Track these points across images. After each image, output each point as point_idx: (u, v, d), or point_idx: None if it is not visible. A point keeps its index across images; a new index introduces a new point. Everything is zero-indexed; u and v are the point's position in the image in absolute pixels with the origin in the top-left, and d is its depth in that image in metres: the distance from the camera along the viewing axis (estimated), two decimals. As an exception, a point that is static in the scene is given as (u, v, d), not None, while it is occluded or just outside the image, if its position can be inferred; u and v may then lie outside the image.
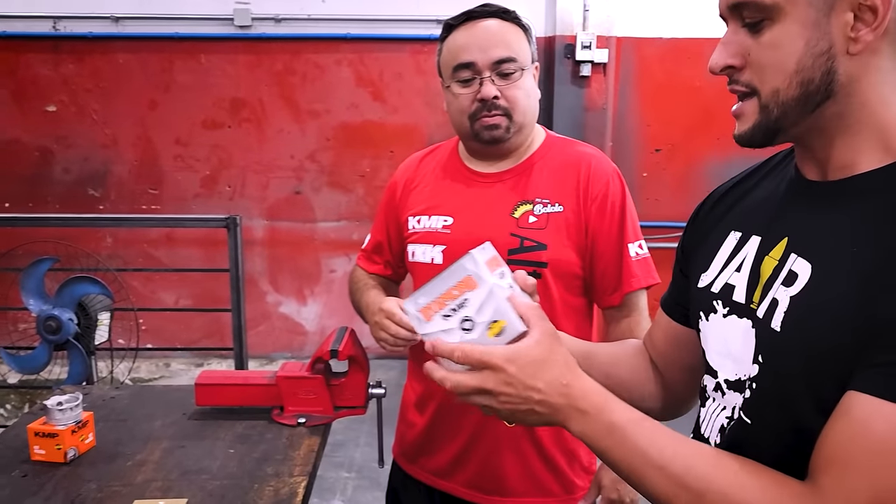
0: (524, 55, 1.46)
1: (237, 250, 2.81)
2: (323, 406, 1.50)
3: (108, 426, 1.48)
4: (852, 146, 0.78)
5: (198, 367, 4.62)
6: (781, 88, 0.77)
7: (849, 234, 0.75)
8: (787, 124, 0.79)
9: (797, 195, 0.85)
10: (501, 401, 0.81)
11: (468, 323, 0.85)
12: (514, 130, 1.45)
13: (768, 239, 0.85)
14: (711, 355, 0.91)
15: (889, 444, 0.65)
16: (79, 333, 2.43)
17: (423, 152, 1.68)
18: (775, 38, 0.76)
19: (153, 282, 4.57)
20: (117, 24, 4.37)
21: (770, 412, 0.79)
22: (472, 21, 1.46)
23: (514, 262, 1.43)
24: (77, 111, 4.49)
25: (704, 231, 0.99)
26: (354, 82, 4.50)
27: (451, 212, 1.51)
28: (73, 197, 4.55)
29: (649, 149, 4.60)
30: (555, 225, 1.44)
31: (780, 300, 0.78)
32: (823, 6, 0.74)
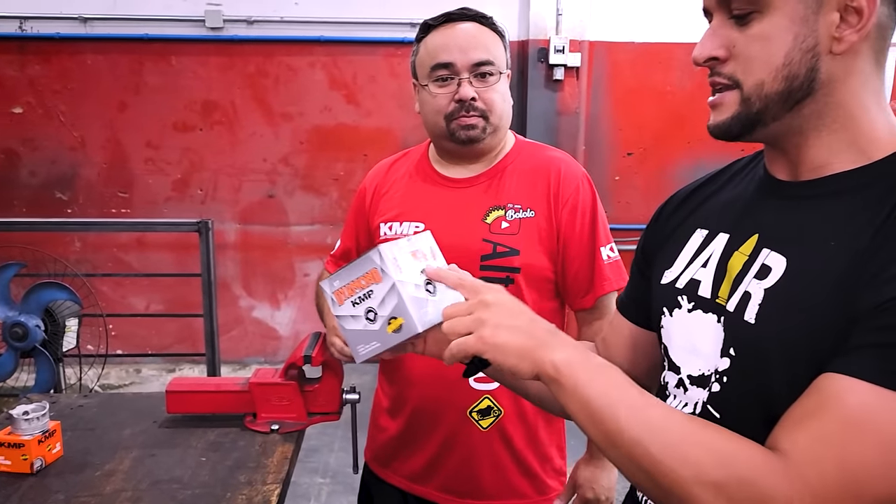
0: (500, 60, 1.48)
1: (209, 255, 2.78)
2: (296, 412, 1.48)
3: (76, 435, 1.46)
4: (827, 147, 0.79)
5: (169, 372, 4.56)
6: (766, 81, 0.77)
7: (824, 230, 0.76)
8: (766, 118, 0.79)
9: (768, 194, 0.86)
10: (493, 310, 0.82)
11: (372, 314, 0.89)
12: (490, 132, 1.47)
13: (737, 236, 0.86)
14: (675, 351, 0.92)
15: (860, 418, 0.66)
16: (46, 340, 2.39)
17: (392, 158, 1.68)
18: (764, 30, 0.77)
19: (123, 287, 4.51)
20: (86, 24, 4.31)
21: (742, 404, 0.79)
22: (451, 23, 1.48)
23: (487, 268, 1.45)
24: (44, 113, 4.41)
25: (667, 231, 1.00)
26: (328, 85, 4.48)
27: (422, 217, 1.51)
28: (40, 200, 4.47)
29: (621, 152, 4.63)
30: (527, 230, 1.45)
31: (753, 293, 0.79)
32: (813, 3, 0.75)
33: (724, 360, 0.82)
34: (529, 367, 0.81)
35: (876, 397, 0.66)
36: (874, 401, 0.66)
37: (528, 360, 0.81)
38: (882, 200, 0.74)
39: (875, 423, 0.66)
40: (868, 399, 0.66)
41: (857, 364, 0.68)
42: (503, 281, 1.45)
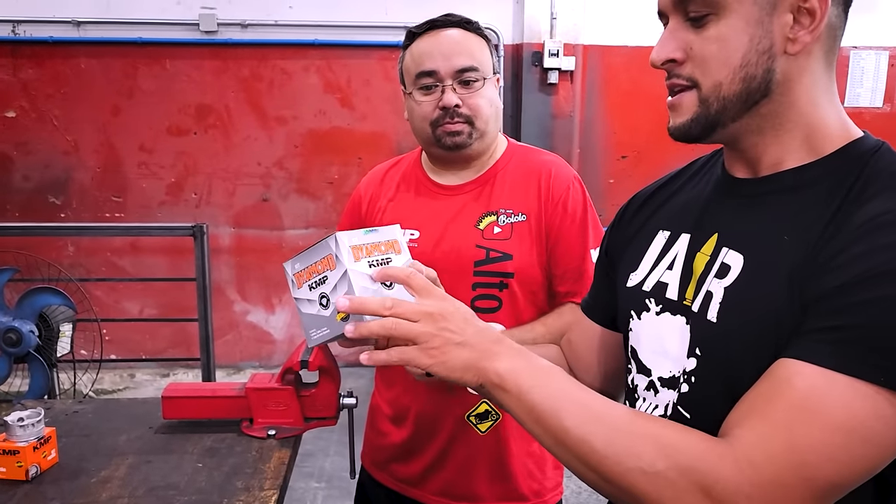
0: (486, 65, 1.48)
1: (204, 259, 2.78)
2: (293, 417, 1.48)
3: (72, 442, 1.45)
4: (782, 144, 0.81)
5: (164, 377, 4.54)
6: (724, 83, 0.79)
7: (778, 226, 0.78)
8: (725, 119, 0.80)
9: (725, 193, 0.87)
10: (440, 327, 0.81)
11: (325, 300, 0.89)
12: (476, 137, 1.47)
13: (698, 236, 0.87)
14: (645, 354, 0.92)
15: (808, 401, 0.67)
16: (40, 346, 2.38)
17: (386, 165, 1.68)
18: (721, 32, 0.78)
19: (117, 291, 4.49)
20: (79, 28, 4.29)
21: (711, 403, 0.80)
22: (435, 30, 1.48)
23: (481, 274, 1.45)
24: (37, 117, 4.39)
25: (631, 233, 1.01)
26: (322, 89, 4.48)
27: (417, 225, 1.51)
28: (33, 205, 4.45)
29: (615, 156, 4.64)
30: (519, 234, 1.46)
31: (714, 292, 0.81)
32: (767, 5, 0.76)
33: (690, 360, 0.83)
34: (473, 377, 0.82)
35: (824, 380, 0.67)
36: (822, 384, 0.67)
37: (472, 371, 0.82)
38: (833, 193, 0.76)
39: (823, 406, 0.67)
40: (817, 382, 0.67)
41: (807, 348, 0.69)
42: (497, 286, 1.45)
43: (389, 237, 0.94)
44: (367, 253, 0.89)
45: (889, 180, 0.75)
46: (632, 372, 0.95)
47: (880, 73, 4.64)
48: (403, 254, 0.95)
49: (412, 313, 0.82)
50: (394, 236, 0.95)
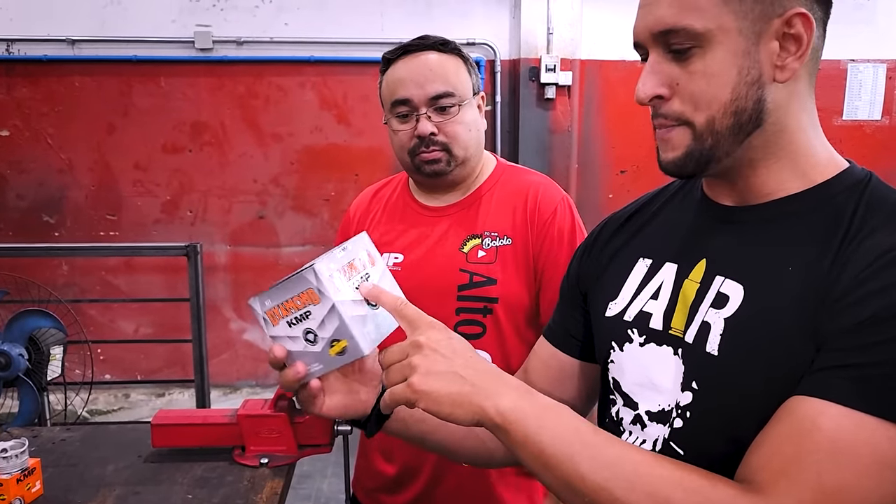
0: (463, 87, 1.44)
1: (198, 279, 2.74)
2: (286, 445, 1.43)
3: (58, 472, 1.40)
4: (773, 172, 0.79)
5: (159, 397, 4.48)
6: (716, 118, 0.76)
7: (779, 256, 0.75)
8: (719, 154, 0.78)
9: (712, 220, 0.84)
10: (426, 353, 0.77)
11: (311, 335, 0.83)
12: (456, 164, 1.44)
13: (685, 263, 0.84)
14: (629, 386, 0.88)
15: (836, 443, 0.65)
16: (30, 369, 2.33)
17: (376, 186, 1.66)
18: (707, 66, 0.75)
19: (112, 310, 4.44)
20: (73, 47, 4.27)
21: (709, 439, 0.76)
22: (409, 55, 1.44)
23: (465, 299, 1.41)
24: (31, 136, 4.36)
25: (605, 260, 0.97)
26: (318, 105, 4.46)
27: (401, 249, 1.48)
28: (27, 224, 4.41)
29: (614, 170, 4.62)
30: (504, 258, 1.42)
31: (712, 323, 0.77)
32: (752, 35, 0.74)
33: (685, 394, 0.79)
34: (467, 415, 0.76)
35: (851, 421, 0.64)
36: (849, 425, 0.64)
37: (464, 407, 0.76)
38: (832, 224, 0.74)
39: (852, 448, 0.64)
40: (843, 423, 0.65)
41: (828, 386, 0.66)
42: (481, 311, 1.41)
43: (363, 248, 0.90)
44: (348, 276, 0.85)
45: (890, 212, 0.73)
46: (616, 405, 0.91)
47: (878, 85, 4.63)
48: (378, 263, 0.91)
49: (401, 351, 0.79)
50: (366, 247, 0.91)
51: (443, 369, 0.76)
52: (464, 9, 4.34)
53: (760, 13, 0.74)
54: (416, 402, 0.77)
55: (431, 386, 0.76)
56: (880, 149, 4.61)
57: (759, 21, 0.74)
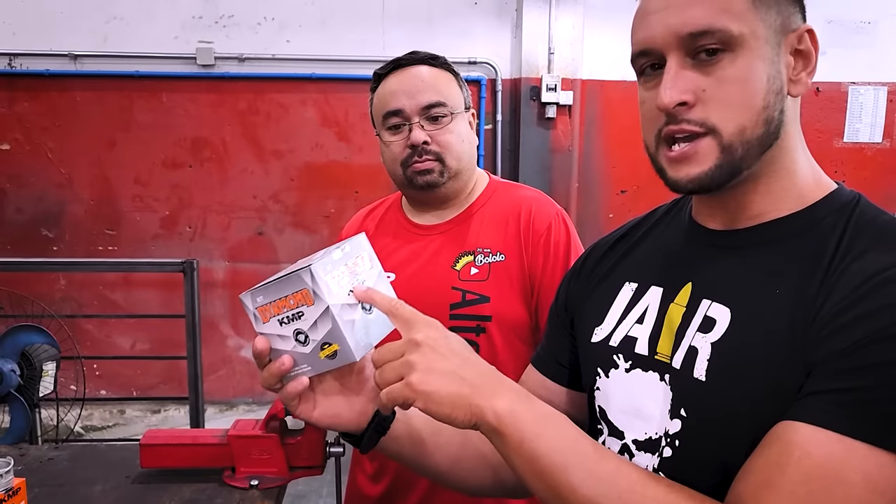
0: (455, 100, 1.44)
1: (193, 296, 2.71)
2: (277, 467, 1.40)
3: (44, 492, 1.37)
4: (770, 192, 0.77)
5: (154, 413, 4.45)
6: (748, 126, 0.72)
7: (767, 279, 0.73)
8: (747, 165, 0.74)
9: (699, 244, 0.83)
10: (424, 352, 0.74)
11: (302, 336, 0.82)
12: (449, 175, 1.42)
13: (670, 287, 0.82)
14: (615, 415, 0.86)
15: (826, 470, 0.63)
16: (21, 385, 2.31)
17: (368, 208, 1.65)
18: (740, 72, 0.72)
19: (108, 326, 4.42)
20: (76, 61, 4.28)
21: (700, 468, 0.74)
22: (400, 69, 1.45)
23: (457, 317, 1.39)
24: (32, 150, 4.36)
25: (592, 285, 0.95)
26: (319, 122, 4.46)
27: (393, 267, 1.46)
28: (25, 237, 4.39)
29: (615, 190, 4.61)
30: (497, 275, 1.40)
31: (699, 348, 0.75)
32: (776, 45, 0.74)
33: (674, 421, 0.77)
34: (465, 416, 0.73)
35: (841, 447, 0.63)
36: (840, 451, 0.63)
37: (462, 408, 0.73)
38: (820, 246, 0.72)
39: (843, 475, 0.63)
40: (834, 450, 0.63)
41: (819, 411, 0.65)
42: (473, 330, 1.39)
43: (359, 250, 0.88)
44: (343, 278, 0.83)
45: (878, 234, 0.72)
46: (602, 434, 0.88)
47: (879, 108, 4.63)
48: (375, 265, 0.89)
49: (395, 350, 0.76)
50: (362, 249, 0.89)
51: (442, 368, 0.74)
52: (465, 27, 4.35)
53: (781, 25, 0.74)
54: (414, 402, 0.74)
55: (432, 385, 0.73)
56: (881, 171, 4.61)
57: (779, 33, 0.74)
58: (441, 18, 4.38)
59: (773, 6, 0.74)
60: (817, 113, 4.51)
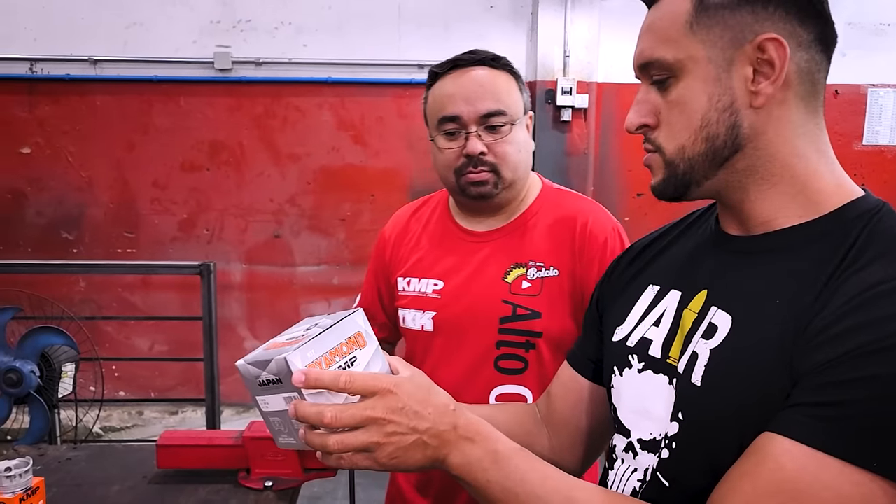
0: (515, 106, 1.37)
1: (210, 298, 2.73)
2: (292, 468, 1.41)
3: (62, 492, 1.39)
4: (771, 200, 0.77)
5: (172, 415, 4.48)
6: (687, 145, 0.77)
7: (770, 287, 0.74)
8: (697, 178, 0.78)
9: (717, 249, 0.84)
10: (388, 432, 0.75)
11: None
12: (504, 186, 1.37)
13: (688, 292, 0.84)
14: (624, 413, 0.88)
15: (797, 484, 0.63)
16: (41, 386, 2.33)
17: (413, 205, 1.59)
18: (681, 95, 0.77)
19: (127, 327, 4.46)
20: (96, 66, 4.33)
21: (692, 472, 0.75)
22: (458, 69, 1.37)
23: (506, 332, 1.34)
24: (52, 153, 4.41)
25: (620, 286, 0.97)
26: (335, 126, 4.48)
27: (441, 275, 1.42)
28: (46, 240, 4.45)
29: (631, 193, 4.59)
30: (549, 291, 1.35)
31: (700, 353, 0.76)
32: (723, 62, 0.75)
33: (673, 424, 0.78)
34: (431, 465, 0.79)
35: (814, 462, 0.63)
36: (812, 466, 0.63)
37: (435, 465, 0.79)
38: (827, 256, 0.71)
39: (813, 491, 0.63)
40: (807, 464, 0.63)
41: (797, 425, 0.65)
42: (523, 346, 1.34)
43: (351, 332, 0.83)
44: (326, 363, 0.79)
45: (889, 244, 0.70)
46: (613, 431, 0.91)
47: (900, 110, 4.58)
48: (370, 344, 0.84)
49: (354, 421, 0.75)
50: (357, 328, 0.84)
51: (410, 441, 0.76)
52: (481, 31, 4.36)
53: (731, 40, 0.75)
54: (387, 470, 0.79)
55: (402, 461, 0.77)
56: (902, 174, 4.55)
57: (729, 48, 0.75)
58: (457, 22, 4.38)
59: (717, 24, 0.75)
60: (836, 116, 4.46)
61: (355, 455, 0.76)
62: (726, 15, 0.75)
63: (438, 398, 0.80)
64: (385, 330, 1.58)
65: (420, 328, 1.43)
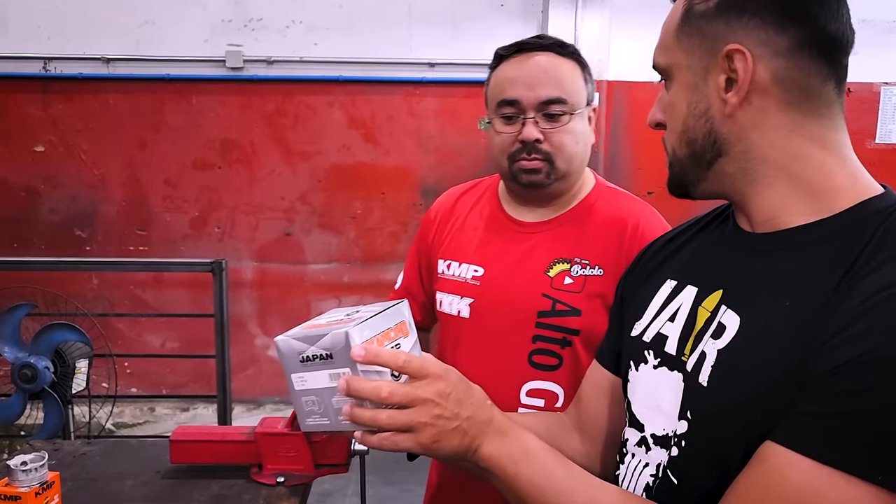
0: (577, 95, 1.34)
1: (222, 295, 2.75)
2: (303, 464, 1.42)
3: (77, 486, 1.40)
4: (769, 200, 0.77)
5: (183, 411, 4.51)
6: (676, 147, 0.81)
7: (780, 288, 0.73)
8: (690, 179, 0.81)
9: (733, 246, 0.84)
10: (434, 414, 0.77)
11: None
12: (556, 177, 1.34)
13: (704, 289, 0.84)
14: (638, 408, 0.88)
15: (802, 497, 0.63)
16: (55, 382, 2.35)
17: (462, 187, 1.56)
18: (671, 99, 0.81)
19: (139, 324, 4.49)
20: (108, 65, 4.37)
21: (699, 472, 0.75)
22: (523, 53, 1.34)
23: (543, 326, 1.32)
24: (65, 151, 4.45)
25: (641, 280, 0.97)
26: (346, 124, 4.49)
27: (482, 261, 1.40)
28: (59, 238, 4.49)
29: (641, 192, 4.58)
30: (592, 290, 1.31)
31: (708, 353, 0.76)
32: (700, 70, 0.77)
33: (682, 422, 0.79)
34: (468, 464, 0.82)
35: (819, 476, 0.63)
36: (817, 480, 0.63)
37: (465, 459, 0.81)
38: (839, 257, 0.70)
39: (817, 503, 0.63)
40: (811, 477, 0.63)
41: (800, 436, 0.64)
42: (559, 342, 1.32)
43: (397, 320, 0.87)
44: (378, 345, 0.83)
45: None
46: (625, 424, 0.91)
47: (913, 108, 4.55)
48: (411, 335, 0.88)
49: (407, 399, 0.78)
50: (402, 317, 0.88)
51: (451, 427, 0.79)
52: (490, 29, 4.36)
53: (707, 49, 0.76)
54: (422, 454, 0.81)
55: (440, 445, 0.79)
56: (915, 173, 4.52)
57: (706, 56, 0.77)
58: (467, 20, 4.39)
59: (696, 32, 0.77)
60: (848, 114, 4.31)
61: (398, 435, 0.78)
62: (703, 25, 0.76)
63: (477, 392, 0.83)
64: (423, 312, 1.56)
65: (456, 313, 1.42)
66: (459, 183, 1.60)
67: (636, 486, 0.85)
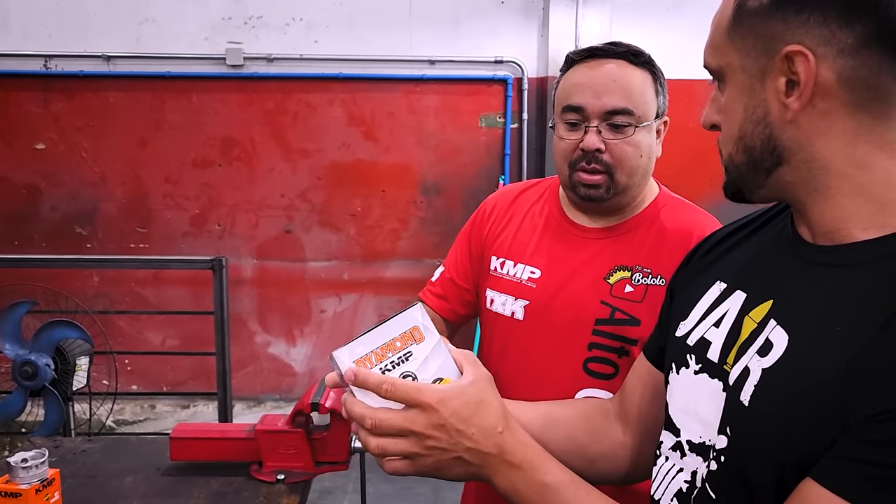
0: (646, 107, 1.30)
1: (222, 293, 2.75)
2: (303, 462, 1.42)
3: (77, 483, 1.41)
4: (832, 213, 0.71)
5: (184, 408, 4.52)
6: (732, 153, 0.75)
7: (833, 310, 0.67)
8: (747, 185, 0.76)
9: (789, 255, 0.78)
10: (427, 446, 0.75)
11: (410, 377, 0.80)
12: (616, 191, 1.30)
13: (753, 297, 0.78)
14: (675, 411, 0.85)
15: None
16: (56, 379, 2.36)
17: (521, 185, 1.54)
18: (726, 102, 0.75)
19: (140, 322, 4.49)
20: (109, 63, 4.36)
21: (736, 489, 0.72)
22: (594, 59, 1.31)
23: (600, 334, 1.30)
24: (66, 149, 4.45)
25: (691, 277, 0.93)
26: (346, 122, 4.49)
27: (540, 264, 1.37)
28: (59, 235, 4.49)
29: (642, 189, 4.58)
30: (653, 299, 1.27)
31: (752, 370, 0.72)
32: (756, 72, 0.71)
33: (721, 437, 0.75)
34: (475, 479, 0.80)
35: None
36: None
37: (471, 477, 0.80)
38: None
39: None
40: None
41: (842, 479, 0.61)
42: (616, 351, 1.30)
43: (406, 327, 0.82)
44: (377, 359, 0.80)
45: None
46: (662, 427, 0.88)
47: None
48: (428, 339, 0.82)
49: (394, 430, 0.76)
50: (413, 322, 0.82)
51: (451, 457, 0.77)
52: (492, 27, 4.35)
53: (763, 49, 0.70)
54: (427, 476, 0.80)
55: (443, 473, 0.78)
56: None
57: (762, 58, 0.71)
58: (468, 18, 4.38)
59: (749, 32, 0.71)
60: None
61: (396, 461, 0.77)
62: (757, 23, 0.70)
63: (486, 418, 0.77)
64: (466, 305, 1.53)
65: (510, 314, 1.39)
66: (459, 180, 1.60)
67: (668, 491, 0.83)
